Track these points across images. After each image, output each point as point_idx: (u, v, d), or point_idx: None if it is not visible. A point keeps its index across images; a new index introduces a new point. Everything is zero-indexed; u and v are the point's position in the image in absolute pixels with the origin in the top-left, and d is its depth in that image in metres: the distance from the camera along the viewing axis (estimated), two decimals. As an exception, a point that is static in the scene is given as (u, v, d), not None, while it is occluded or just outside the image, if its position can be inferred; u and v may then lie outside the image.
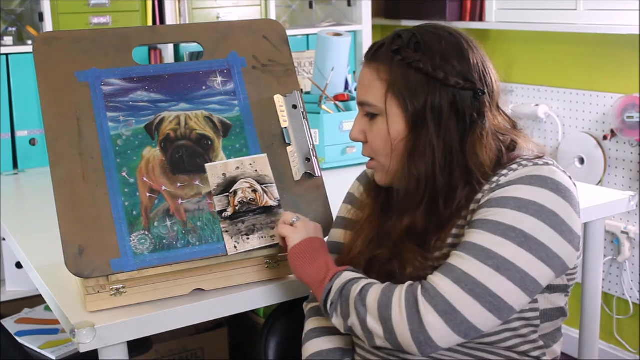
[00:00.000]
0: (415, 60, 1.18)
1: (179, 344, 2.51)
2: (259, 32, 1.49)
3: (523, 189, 1.12)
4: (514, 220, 1.09)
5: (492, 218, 1.11)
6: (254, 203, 1.33)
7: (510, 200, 1.11)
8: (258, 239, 1.32)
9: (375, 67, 1.23)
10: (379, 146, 1.24)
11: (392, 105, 1.20)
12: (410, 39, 1.21)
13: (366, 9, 3.18)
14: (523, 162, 1.18)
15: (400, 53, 1.20)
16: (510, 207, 1.10)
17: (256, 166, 1.36)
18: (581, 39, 2.83)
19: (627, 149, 2.68)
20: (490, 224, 1.10)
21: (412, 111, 1.19)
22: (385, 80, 1.21)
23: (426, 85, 1.18)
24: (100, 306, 1.26)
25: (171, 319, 1.29)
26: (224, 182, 1.33)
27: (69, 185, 1.27)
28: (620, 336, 2.82)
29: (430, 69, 1.18)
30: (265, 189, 1.35)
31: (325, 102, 2.23)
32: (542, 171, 1.14)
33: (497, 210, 1.11)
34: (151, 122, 1.36)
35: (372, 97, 1.23)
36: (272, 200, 1.35)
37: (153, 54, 2.74)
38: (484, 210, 1.13)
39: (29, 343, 1.91)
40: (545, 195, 1.11)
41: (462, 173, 1.18)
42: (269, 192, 1.35)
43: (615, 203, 1.83)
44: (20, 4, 2.61)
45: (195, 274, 1.31)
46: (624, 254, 2.73)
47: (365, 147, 1.28)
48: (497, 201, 1.12)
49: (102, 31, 1.42)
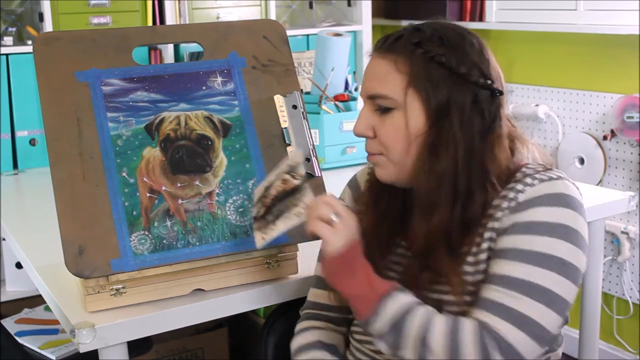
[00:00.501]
0: (439, 54, 1.15)
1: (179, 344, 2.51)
2: (259, 32, 1.49)
3: (547, 211, 1.11)
4: (549, 248, 1.10)
5: (527, 247, 1.10)
6: (282, 192, 1.25)
7: (539, 225, 1.10)
8: (284, 221, 1.23)
9: (393, 58, 1.18)
10: (393, 141, 1.19)
11: (412, 99, 1.16)
12: (433, 33, 1.17)
13: (366, 9, 3.18)
14: (537, 176, 1.15)
15: (422, 46, 1.16)
16: (541, 234, 1.10)
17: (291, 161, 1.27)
18: (581, 39, 2.83)
19: (627, 149, 2.68)
20: (527, 254, 1.09)
21: (435, 106, 1.15)
22: (406, 73, 1.17)
23: (449, 80, 1.15)
24: (100, 306, 1.26)
25: (171, 319, 1.29)
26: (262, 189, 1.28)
27: (69, 185, 1.27)
28: (620, 336, 2.82)
29: (454, 64, 1.15)
30: (291, 173, 1.25)
31: (325, 102, 2.23)
32: (559, 187, 1.13)
33: (529, 238, 1.10)
34: (151, 122, 1.36)
35: (388, 90, 1.18)
36: (298, 179, 1.24)
37: (153, 54, 2.74)
38: (514, 238, 1.11)
39: (29, 343, 1.91)
40: (568, 215, 1.12)
41: (479, 175, 1.15)
42: (296, 172, 1.25)
43: (615, 203, 1.83)
44: (20, 4, 2.61)
45: (195, 274, 1.31)
46: (624, 254, 2.73)
47: (372, 143, 1.22)
48: (526, 227, 1.11)
49: (102, 31, 1.42)
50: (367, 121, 1.21)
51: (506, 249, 1.11)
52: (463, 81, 1.15)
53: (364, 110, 1.23)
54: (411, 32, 1.19)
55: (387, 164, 1.21)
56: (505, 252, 1.11)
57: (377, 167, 1.24)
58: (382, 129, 1.20)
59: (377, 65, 1.20)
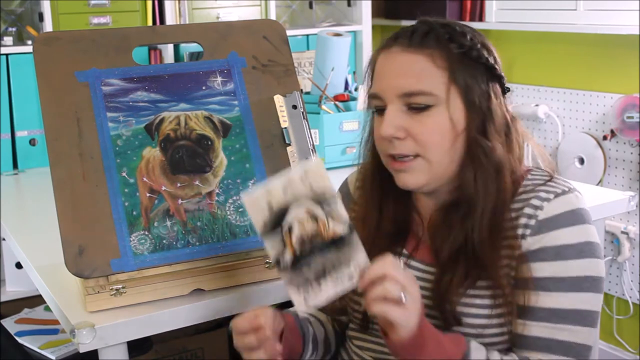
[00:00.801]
0: (475, 49, 1.14)
1: (179, 344, 2.51)
2: (259, 32, 1.49)
3: (570, 232, 1.12)
4: (582, 270, 1.11)
5: (562, 275, 1.11)
6: (318, 237, 1.03)
7: (567, 248, 1.11)
8: (333, 283, 1.02)
9: (428, 53, 1.13)
10: (437, 139, 1.13)
11: (454, 94, 1.13)
12: (457, 29, 1.16)
13: (366, 9, 3.18)
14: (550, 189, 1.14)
15: (455, 41, 1.14)
16: (571, 257, 1.11)
17: (309, 179, 1.04)
18: (581, 39, 2.83)
19: (627, 149, 2.68)
20: (563, 282, 1.11)
21: (476, 99, 1.13)
22: (445, 68, 1.13)
23: (484, 73, 1.15)
24: (100, 306, 1.26)
25: (171, 319, 1.29)
26: (272, 215, 1.03)
27: (69, 185, 1.27)
28: (620, 336, 2.82)
29: (485, 59, 1.15)
30: (327, 209, 1.03)
31: (325, 102, 2.23)
32: (573, 203, 1.14)
33: (561, 265, 1.11)
34: (151, 122, 1.36)
35: (429, 86, 1.12)
36: (341, 225, 1.03)
37: (153, 54, 2.74)
38: (546, 265, 1.11)
39: (29, 343, 1.91)
40: (588, 231, 1.13)
41: None
42: (334, 214, 1.03)
43: (615, 203, 1.83)
44: (20, 4, 2.61)
45: (195, 274, 1.31)
46: (623, 254, 2.73)
47: (404, 145, 1.14)
48: (555, 252, 1.11)
49: (102, 31, 1.42)
50: (397, 122, 1.13)
51: (541, 279, 1.11)
52: (492, 75, 1.16)
53: (393, 110, 1.14)
54: (439, 27, 1.15)
55: (423, 166, 1.14)
56: (540, 281, 1.11)
57: (406, 174, 1.15)
58: (420, 128, 1.13)
59: (409, 61, 1.14)
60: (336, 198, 1.03)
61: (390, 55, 1.16)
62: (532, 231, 1.12)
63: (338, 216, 1.03)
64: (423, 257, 1.22)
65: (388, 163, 1.18)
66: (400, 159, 1.15)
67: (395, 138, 1.13)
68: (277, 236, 1.03)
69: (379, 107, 1.17)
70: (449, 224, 1.16)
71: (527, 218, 1.13)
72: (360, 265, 1.02)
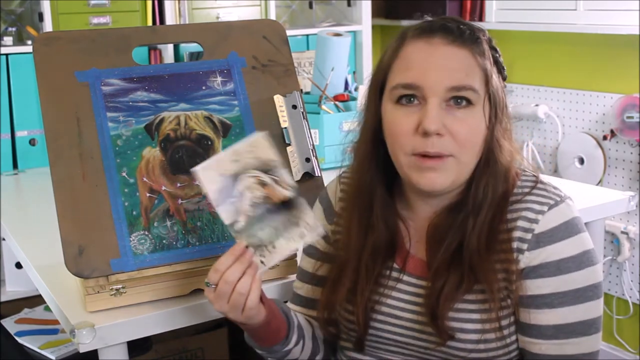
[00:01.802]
0: (498, 54, 1.15)
1: (179, 344, 2.51)
2: (259, 32, 1.49)
3: (568, 244, 1.10)
4: (584, 280, 1.11)
5: (565, 288, 1.10)
6: (267, 201, 1.11)
7: (567, 261, 1.10)
8: (286, 242, 1.10)
9: (472, 50, 1.11)
10: (473, 141, 1.10)
11: (486, 98, 1.11)
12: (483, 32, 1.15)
13: (366, 9, 3.18)
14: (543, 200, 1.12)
15: (489, 44, 1.14)
16: (572, 270, 1.10)
17: (257, 152, 1.12)
18: (581, 39, 2.83)
19: (627, 149, 2.68)
20: (567, 295, 1.10)
21: (498, 107, 1.12)
22: (483, 69, 1.11)
23: (501, 82, 1.15)
24: (100, 306, 1.26)
25: (171, 319, 1.29)
26: (223, 184, 1.10)
27: (68, 185, 1.27)
28: (620, 336, 2.82)
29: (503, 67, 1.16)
30: (275, 177, 1.11)
31: (325, 102, 2.23)
32: (566, 213, 1.12)
33: (563, 279, 1.10)
34: (151, 122, 1.36)
35: (476, 83, 1.10)
36: (288, 189, 1.11)
37: (153, 54, 2.74)
38: (548, 281, 1.10)
39: (29, 343, 1.91)
40: (583, 240, 1.12)
41: None
42: (281, 179, 1.11)
43: (615, 203, 1.83)
44: (20, 4, 2.61)
45: (195, 274, 1.31)
46: (623, 254, 2.73)
47: (443, 142, 1.08)
48: (556, 268, 1.10)
49: (102, 31, 1.42)
50: (440, 117, 1.08)
51: (544, 295, 1.10)
52: (502, 82, 1.16)
53: (437, 104, 1.08)
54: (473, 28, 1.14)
55: (454, 167, 1.10)
56: (544, 298, 1.10)
57: (435, 173, 1.10)
58: (462, 127, 1.08)
59: (457, 55, 1.10)
60: (283, 166, 1.11)
61: (432, 47, 1.10)
62: (529, 246, 1.10)
63: (284, 181, 1.10)
64: (414, 270, 1.18)
65: (411, 162, 1.10)
66: (438, 157, 1.09)
67: (438, 134, 1.07)
68: (230, 204, 1.09)
69: (409, 98, 1.10)
70: (448, 227, 1.13)
71: (523, 232, 1.11)
72: (309, 223, 1.09)
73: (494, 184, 1.12)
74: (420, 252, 1.19)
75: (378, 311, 1.18)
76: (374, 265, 1.18)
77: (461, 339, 1.11)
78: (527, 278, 1.11)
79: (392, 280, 1.19)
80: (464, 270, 1.11)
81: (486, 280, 1.10)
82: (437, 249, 1.14)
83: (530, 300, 1.11)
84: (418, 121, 1.08)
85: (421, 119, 1.08)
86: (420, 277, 1.17)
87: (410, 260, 1.19)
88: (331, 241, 1.26)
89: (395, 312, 1.17)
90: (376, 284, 1.18)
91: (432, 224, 1.17)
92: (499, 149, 1.12)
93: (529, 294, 1.11)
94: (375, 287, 1.18)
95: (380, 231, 1.18)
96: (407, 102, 1.10)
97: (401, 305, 1.17)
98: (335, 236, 1.26)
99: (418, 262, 1.19)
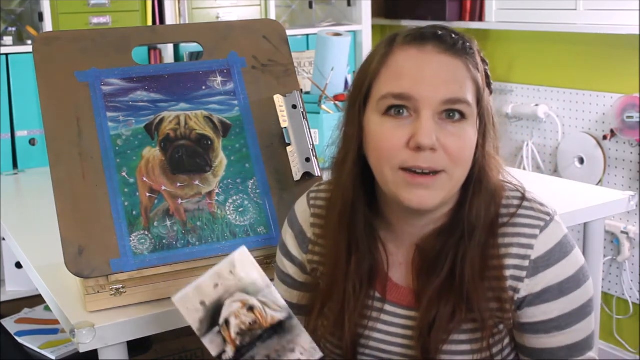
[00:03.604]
0: (487, 67, 1.08)
1: (179, 344, 2.50)
2: (259, 32, 1.49)
3: (564, 265, 1.07)
4: (583, 296, 1.09)
5: (569, 309, 1.08)
6: (256, 326, 1.00)
7: (567, 283, 1.08)
8: None
9: (464, 61, 1.03)
10: (466, 157, 1.03)
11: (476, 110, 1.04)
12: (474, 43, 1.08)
13: (366, 9, 3.18)
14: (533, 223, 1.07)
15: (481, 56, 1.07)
16: (573, 290, 1.08)
17: (238, 270, 1.00)
18: (581, 39, 2.83)
19: (627, 149, 2.68)
20: (572, 316, 1.09)
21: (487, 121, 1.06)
22: (475, 82, 1.04)
23: (488, 95, 1.08)
24: (100, 306, 1.26)
25: (171, 319, 1.29)
26: (207, 313, 0.99)
27: (68, 185, 1.27)
28: (620, 336, 2.82)
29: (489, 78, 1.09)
30: (262, 299, 0.99)
31: (325, 102, 2.23)
32: (557, 233, 1.08)
33: (566, 300, 1.08)
34: (151, 122, 1.36)
35: (469, 96, 1.02)
36: (278, 310, 1.00)
37: (153, 54, 2.74)
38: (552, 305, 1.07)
39: (29, 343, 1.91)
40: (577, 257, 1.10)
41: None
42: (269, 301, 1.00)
43: (615, 203, 1.83)
44: (20, 4, 2.61)
45: (195, 274, 1.31)
46: (623, 254, 2.73)
47: (436, 158, 1.00)
48: (559, 291, 1.07)
49: (102, 31, 1.42)
50: (434, 131, 1.00)
51: (552, 320, 1.08)
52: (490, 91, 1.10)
53: (430, 117, 1.00)
54: (465, 38, 1.06)
55: (445, 183, 1.02)
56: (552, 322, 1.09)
57: (426, 191, 1.02)
58: (453, 141, 1.01)
59: (452, 65, 1.03)
60: (270, 286, 1.00)
61: (425, 55, 1.02)
62: (528, 273, 1.06)
63: (274, 303, 1.00)
64: (396, 299, 1.11)
65: (399, 178, 1.02)
66: (423, 172, 1.01)
67: (432, 149, 0.99)
68: (216, 333, 0.99)
69: (399, 109, 1.02)
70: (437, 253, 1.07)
71: (519, 259, 1.06)
72: (305, 348, 1.00)
73: (487, 204, 1.06)
74: (403, 279, 1.11)
75: (365, 345, 1.12)
76: (359, 294, 1.09)
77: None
78: (531, 305, 1.08)
79: (375, 311, 1.11)
80: (456, 299, 1.04)
81: (479, 309, 1.04)
82: (426, 279, 1.07)
83: (538, 326, 1.09)
84: (409, 135, 1.00)
85: (413, 133, 0.99)
86: (406, 307, 1.10)
87: (392, 288, 1.12)
88: (308, 270, 1.18)
89: (383, 347, 1.12)
90: (360, 315, 1.10)
91: (420, 249, 1.09)
92: (489, 165, 1.07)
93: (536, 321, 1.08)
94: (360, 319, 1.10)
95: (363, 256, 1.09)
96: (396, 114, 1.01)
97: (389, 339, 1.11)
98: (312, 265, 1.17)
99: (403, 291, 1.11)
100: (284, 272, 1.21)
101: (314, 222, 1.17)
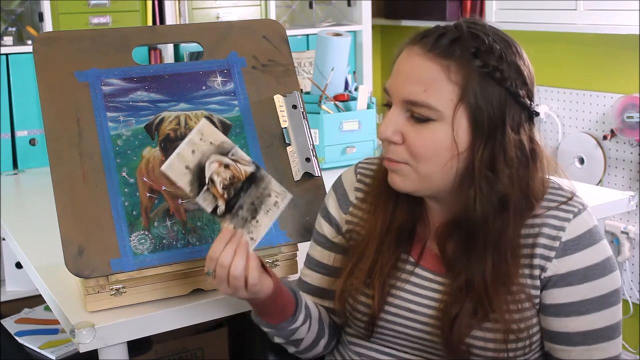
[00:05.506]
0: (498, 69, 1.06)
1: (179, 344, 2.51)
2: (259, 32, 1.49)
3: (592, 252, 1.11)
4: (608, 286, 1.12)
5: (592, 295, 1.11)
6: (235, 180, 1.15)
7: (593, 269, 1.11)
8: (265, 214, 1.16)
9: (445, 65, 1.05)
10: (430, 154, 1.08)
11: (461, 114, 1.06)
12: (492, 44, 1.07)
13: (366, 9, 3.18)
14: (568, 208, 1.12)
15: (480, 57, 1.05)
16: (598, 277, 1.11)
17: (206, 137, 1.15)
18: (581, 39, 2.83)
19: (627, 149, 2.68)
20: (594, 302, 1.12)
21: (487, 123, 1.06)
22: (458, 85, 1.05)
23: (504, 99, 1.06)
24: (100, 306, 1.26)
25: (171, 319, 1.29)
26: (194, 176, 1.14)
27: (68, 185, 1.27)
28: (620, 336, 2.82)
29: (510, 83, 1.06)
30: (232, 157, 1.15)
31: (325, 102, 2.23)
32: (588, 222, 1.12)
33: (590, 285, 1.11)
34: (151, 122, 1.36)
35: (436, 100, 1.06)
36: (247, 164, 1.16)
37: (153, 54, 2.74)
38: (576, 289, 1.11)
39: (29, 343, 1.91)
40: (604, 246, 1.14)
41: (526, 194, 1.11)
42: (237, 157, 1.16)
43: (615, 203, 1.83)
44: (20, 4, 2.61)
45: (195, 274, 1.31)
46: (623, 254, 2.73)
47: (398, 150, 1.10)
48: (584, 275, 1.11)
49: (102, 31, 1.42)
50: (396, 126, 1.09)
51: (573, 303, 1.12)
52: (515, 102, 1.08)
53: (392, 113, 1.10)
54: (468, 37, 1.06)
55: (411, 174, 1.11)
56: (573, 306, 1.12)
57: (396, 175, 1.12)
58: (416, 139, 1.08)
59: (422, 67, 1.07)
60: (235, 146, 1.16)
61: (409, 55, 1.09)
62: (557, 253, 1.10)
63: (242, 159, 1.16)
64: (429, 265, 1.18)
65: (385, 162, 1.14)
66: (393, 161, 1.12)
67: (392, 142, 1.10)
68: (206, 192, 1.14)
69: (387, 104, 1.13)
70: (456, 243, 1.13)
71: (549, 239, 1.11)
72: (278, 191, 1.17)
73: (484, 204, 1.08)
74: (435, 248, 1.18)
75: (392, 303, 1.18)
76: (395, 250, 1.18)
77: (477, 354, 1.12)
78: (554, 287, 1.11)
79: (405, 274, 1.18)
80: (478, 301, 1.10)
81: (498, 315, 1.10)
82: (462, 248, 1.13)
83: (559, 309, 1.12)
84: None
85: None
86: (435, 273, 1.17)
87: (427, 255, 1.19)
88: (343, 231, 1.26)
89: (410, 306, 1.17)
90: (390, 275, 1.18)
91: (438, 231, 1.17)
92: (490, 173, 1.07)
93: (558, 302, 1.12)
94: (389, 278, 1.18)
95: (400, 223, 1.18)
96: (388, 107, 1.13)
97: (416, 299, 1.17)
98: (348, 226, 1.25)
99: (433, 258, 1.18)
100: (319, 232, 1.29)
101: (358, 187, 1.26)
